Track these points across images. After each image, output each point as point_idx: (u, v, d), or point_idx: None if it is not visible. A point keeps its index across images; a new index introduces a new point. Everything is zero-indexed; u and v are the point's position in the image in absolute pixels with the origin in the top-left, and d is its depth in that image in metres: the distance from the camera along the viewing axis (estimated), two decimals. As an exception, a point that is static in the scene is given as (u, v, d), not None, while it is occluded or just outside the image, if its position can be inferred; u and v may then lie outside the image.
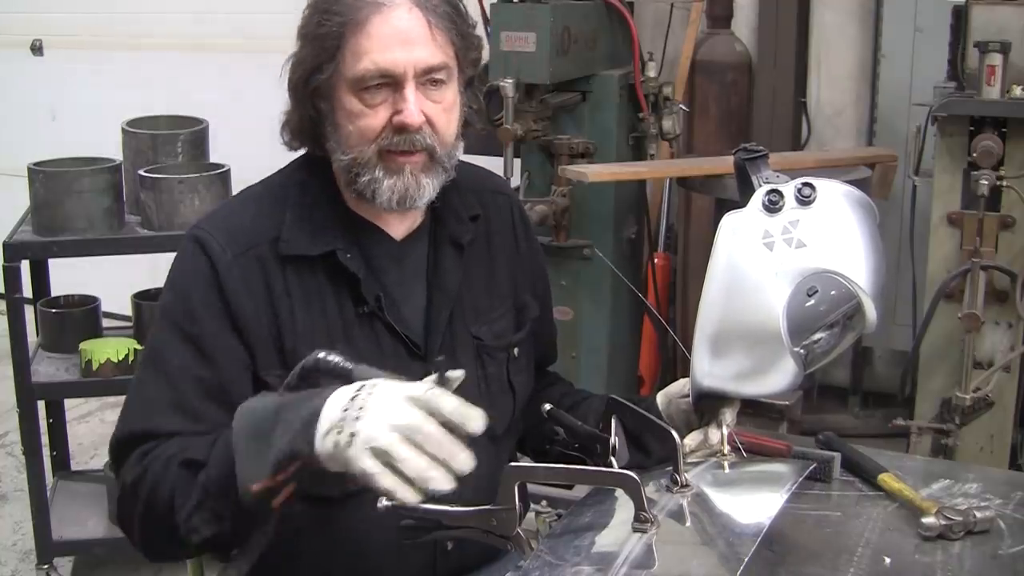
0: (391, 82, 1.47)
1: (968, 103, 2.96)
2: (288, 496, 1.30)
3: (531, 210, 3.12)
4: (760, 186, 1.51)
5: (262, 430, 1.29)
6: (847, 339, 1.54)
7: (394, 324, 1.56)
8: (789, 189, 1.49)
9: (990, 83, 2.89)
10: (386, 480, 1.19)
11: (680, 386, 1.65)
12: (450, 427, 1.21)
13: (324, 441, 1.22)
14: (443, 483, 1.19)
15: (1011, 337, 3.03)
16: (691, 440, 1.57)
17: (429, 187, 1.53)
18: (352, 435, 1.20)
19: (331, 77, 1.49)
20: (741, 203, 1.53)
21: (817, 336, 1.50)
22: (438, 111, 1.50)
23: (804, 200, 1.48)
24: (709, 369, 1.51)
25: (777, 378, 1.50)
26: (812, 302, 1.46)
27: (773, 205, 1.48)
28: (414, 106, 1.47)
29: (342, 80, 1.48)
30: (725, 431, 1.55)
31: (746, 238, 1.48)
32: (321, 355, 1.33)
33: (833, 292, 1.47)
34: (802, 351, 1.49)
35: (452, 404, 1.21)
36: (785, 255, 1.46)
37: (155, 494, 1.40)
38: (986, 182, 2.86)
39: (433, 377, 1.26)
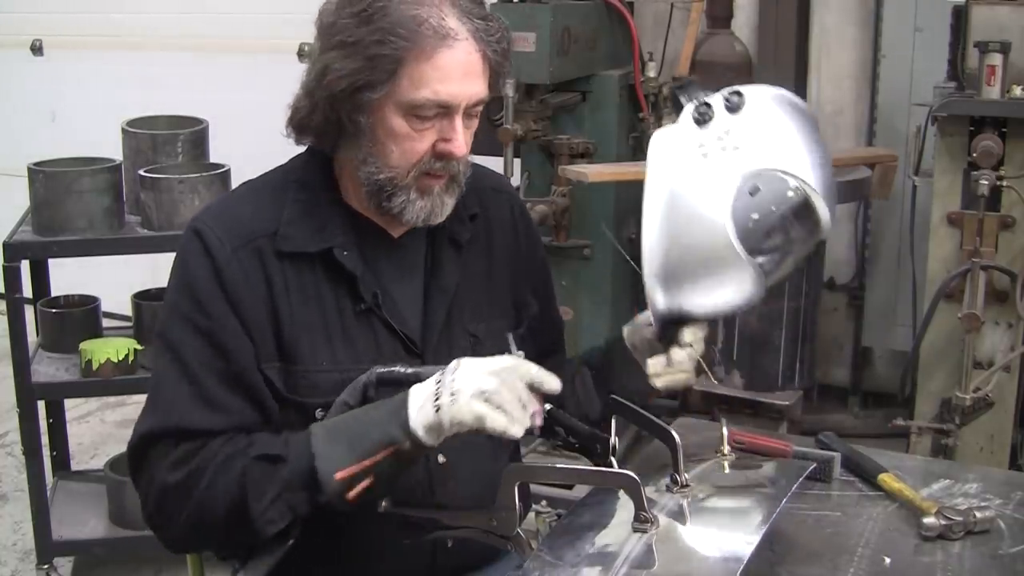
0: (443, 112, 1.49)
1: (968, 103, 2.95)
2: (364, 489, 1.40)
3: (531, 210, 3.11)
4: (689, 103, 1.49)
5: (343, 428, 1.43)
6: (803, 242, 1.50)
7: (391, 322, 1.56)
8: (718, 100, 1.47)
9: (990, 83, 2.88)
10: (499, 418, 1.35)
11: (646, 316, 1.63)
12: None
13: (420, 413, 1.38)
14: (536, 419, 1.39)
15: (1011, 337, 3.03)
16: (654, 365, 1.56)
17: (449, 205, 1.57)
18: (453, 394, 1.36)
19: (381, 96, 1.48)
20: None
21: (769, 239, 1.47)
22: (468, 136, 1.54)
23: (733, 107, 1.46)
24: (664, 292, 1.48)
25: (734, 289, 1.46)
26: (756, 200, 1.44)
27: (703, 117, 1.46)
28: (462, 137, 1.51)
29: (392, 101, 1.48)
30: (689, 353, 1.54)
31: (680, 151, 1.46)
32: (380, 370, 1.45)
33: (775, 187, 1.44)
34: (758, 259, 1.46)
35: (529, 368, 1.40)
36: (721, 160, 1.44)
37: (212, 492, 1.43)
38: (986, 182, 2.86)
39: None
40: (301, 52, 4.38)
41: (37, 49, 5.21)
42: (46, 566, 3.00)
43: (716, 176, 1.43)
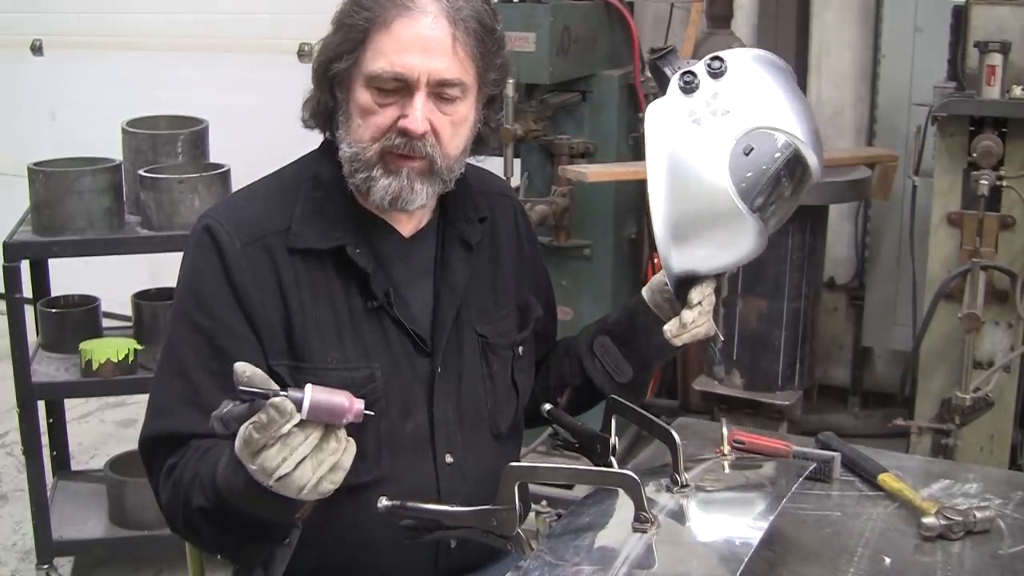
0: (403, 86, 1.48)
1: (968, 103, 2.95)
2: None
3: (531, 210, 3.12)
4: (674, 74, 1.54)
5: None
6: (796, 189, 1.57)
7: (402, 320, 1.57)
8: (701, 68, 1.52)
9: (990, 83, 2.88)
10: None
11: (660, 278, 1.68)
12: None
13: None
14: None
15: (1011, 337, 3.03)
16: (670, 328, 1.60)
17: (423, 193, 1.53)
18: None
19: (349, 68, 1.50)
20: None
21: (768, 193, 1.53)
22: (445, 123, 1.51)
23: (716, 73, 1.51)
24: (677, 256, 1.55)
25: (742, 243, 1.54)
26: (751, 159, 1.50)
27: (688, 85, 1.51)
28: (420, 113, 1.48)
29: (359, 73, 1.50)
30: (699, 311, 1.58)
31: (673, 121, 1.51)
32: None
33: (767, 144, 1.51)
34: (759, 213, 1.52)
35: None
36: (714, 125, 1.50)
37: (191, 519, 1.43)
38: (986, 182, 2.86)
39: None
40: (301, 52, 4.38)
41: (37, 49, 5.21)
42: (46, 566, 3.00)
43: (711, 141, 1.49)
